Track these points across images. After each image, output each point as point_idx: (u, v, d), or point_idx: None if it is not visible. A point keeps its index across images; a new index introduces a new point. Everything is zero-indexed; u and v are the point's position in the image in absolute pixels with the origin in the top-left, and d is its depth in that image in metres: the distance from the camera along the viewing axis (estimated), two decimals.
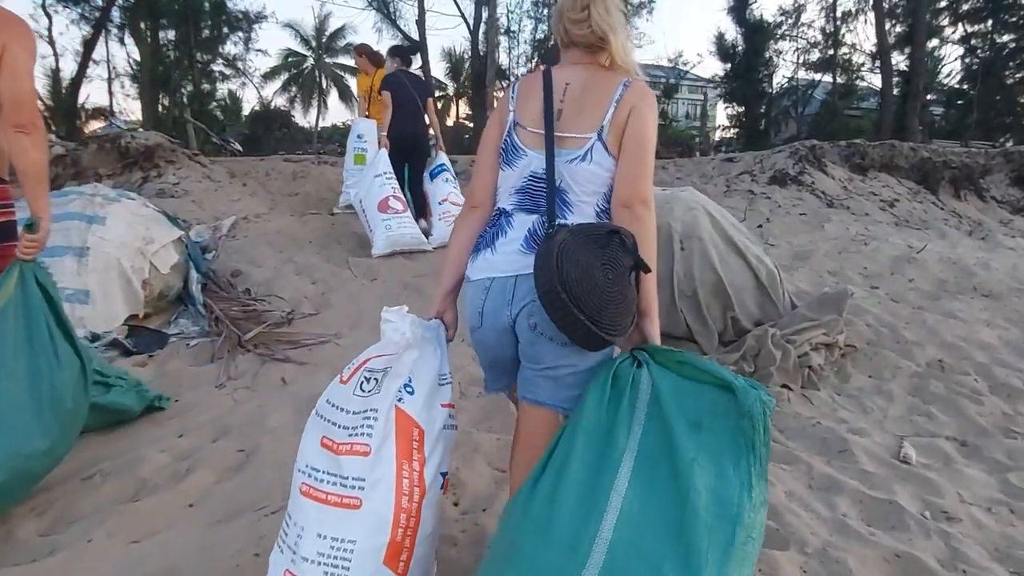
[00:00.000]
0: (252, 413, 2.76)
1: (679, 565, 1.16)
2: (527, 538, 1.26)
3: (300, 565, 1.37)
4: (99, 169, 6.16)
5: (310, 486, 1.41)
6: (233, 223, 5.44)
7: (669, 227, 3.97)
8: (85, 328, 3.32)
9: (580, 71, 1.56)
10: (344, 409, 1.44)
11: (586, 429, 1.35)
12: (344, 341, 3.56)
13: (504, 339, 1.54)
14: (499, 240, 1.55)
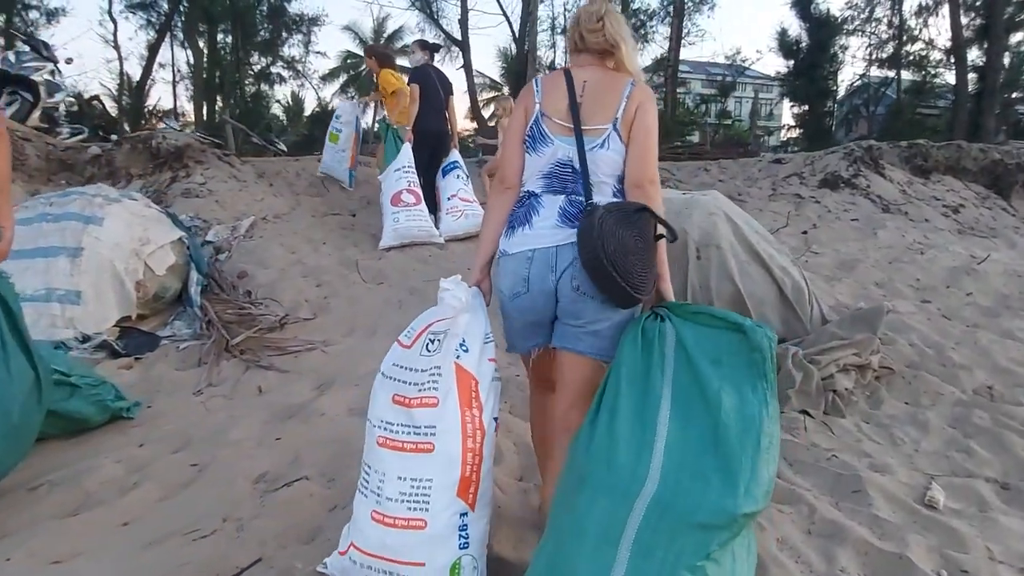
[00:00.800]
0: (220, 423, 2.65)
1: (721, 471, 1.42)
2: (595, 467, 1.50)
3: (386, 505, 1.60)
4: (131, 169, 6.27)
5: (386, 437, 1.65)
6: (252, 223, 5.42)
7: (685, 234, 3.69)
8: (76, 329, 3.30)
9: (593, 71, 1.82)
10: (412, 368, 1.66)
11: (628, 375, 1.59)
12: (333, 348, 3.43)
13: (548, 301, 1.75)
14: (534, 218, 1.77)
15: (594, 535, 1.42)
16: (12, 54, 7.44)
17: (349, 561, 1.67)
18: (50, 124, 7.80)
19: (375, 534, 1.62)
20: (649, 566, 1.37)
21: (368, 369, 3.19)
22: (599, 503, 1.46)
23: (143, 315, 3.68)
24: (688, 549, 1.38)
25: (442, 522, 1.60)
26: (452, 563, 1.60)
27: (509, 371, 3.05)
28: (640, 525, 1.41)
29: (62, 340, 3.24)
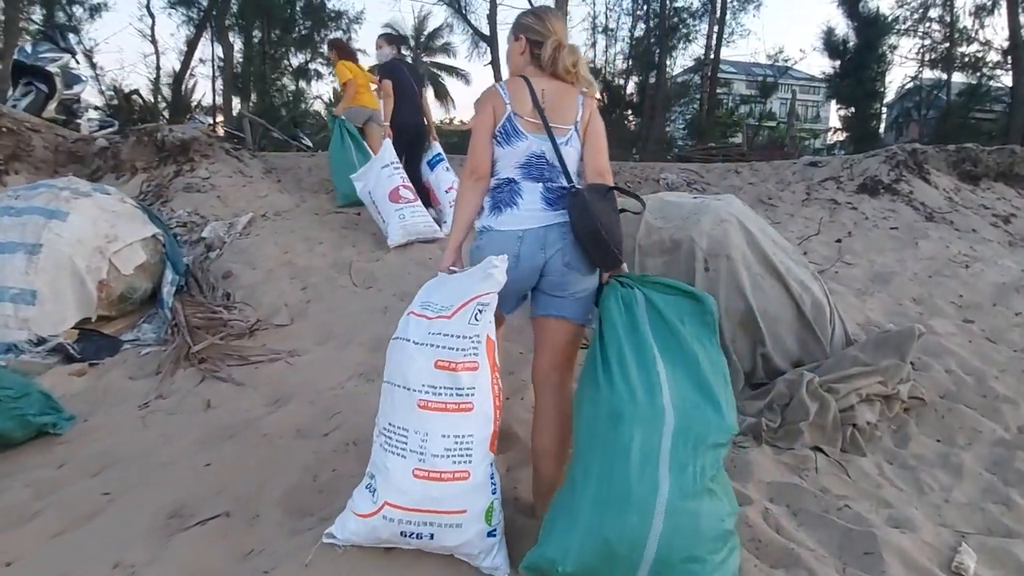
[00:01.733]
0: (152, 443, 2.41)
1: (709, 403, 1.76)
2: (624, 406, 1.73)
3: (430, 461, 1.74)
4: (136, 162, 6.14)
5: (428, 400, 1.76)
6: (249, 220, 5.22)
7: (692, 242, 3.33)
8: (30, 330, 3.10)
9: (547, 82, 2.08)
10: (458, 336, 1.78)
11: (623, 329, 1.87)
12: (299, 360, 3.17)
13: (534, 275, 2.00)
14: (519, 201, 2.01)
15: (638, 459, 1.69)
16: (29, 45, 7.42)
17: (381, 520, 1.76)
18: (68, 116, 7.77)
19: (419, 489, 1.74)
20: (685, 479, 1.68)
21: (331, 384, 2.93)
22: (636, 433, 1.71)
23: (109, 317, 3.48)
24: (708, 464, 1.73)
25: (481, 472, 1.80)
26: (487, 507, 1.80)
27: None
28: (671, 448, 1.70)
29: (14, 342, 3.05)
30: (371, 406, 2.75)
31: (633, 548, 1.63)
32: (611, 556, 1.65)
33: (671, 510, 1.64)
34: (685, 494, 1.67)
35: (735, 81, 29.71)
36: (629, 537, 1.63)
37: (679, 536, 1.64)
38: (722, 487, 1.79)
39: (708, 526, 1.68)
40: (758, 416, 2.88)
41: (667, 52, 22.80)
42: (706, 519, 1.68)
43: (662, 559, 1.63)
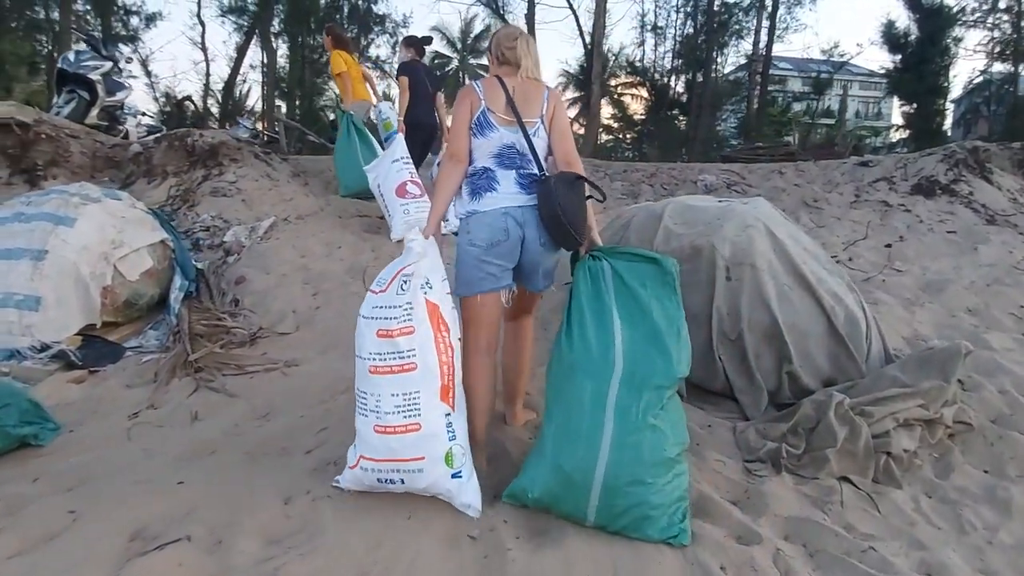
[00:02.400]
0: (132, 457, 2.33)
1: (661, 353, 2.08)
2: (580, 360, 2.10)
3: (385, 418, 1.99)
4: (167, 167, 6.19)
5: (376, 366, 2.01)
6: (271, 224, 5.19)
7: (713, 250, 3.10)
8: (33, 336, 3.09)
9: (515, 80, 2.31)
10: (391, 307, 2.02)
11: (586, 299, 2.19)
12: (297, 370, 3.07)
13: (517, 248, 2.26)
14: (496, 186, 2.26)
15: (589, 404, 2.04)
16: (72, 53, 7.59)
17: (361, 471, 2.06)
18: (111, 122, 7.94)
19: (380, 443, 2.01)
20: (628, 419, 2.01)
21: (324, 396, 2.82)
22: (588, 383, 2.06)
23: (115, 323, 3.45)
24: (651, 403, 2.03)
25: (432, 422, 2.00)
26: (445, 453, 2.02)
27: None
28: (618, 394, 2.03)
29: (17, 348, 3.03)
30: None
31: (584, 475, 2.00)
32: (567, 482, 2.02)
33: (615, 444, 2.00)
34: (628, 431, 2.01)
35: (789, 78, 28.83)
36: (580, 467, 2.01)
37: (622, 465, 1.99)
38: (667, 422, 2.07)
39: (649, 455, 2.00)
40: (780, 440, 2.64)
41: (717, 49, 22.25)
42: (647, 450, 2.00)
43: (609, 484, 1.98)
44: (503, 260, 2.25)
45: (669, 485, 2.02)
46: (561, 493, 2.04)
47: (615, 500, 1.99)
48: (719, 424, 2.81)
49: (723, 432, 2.73)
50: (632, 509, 1.99)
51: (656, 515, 1.98)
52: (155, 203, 5.72)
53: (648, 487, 1.98)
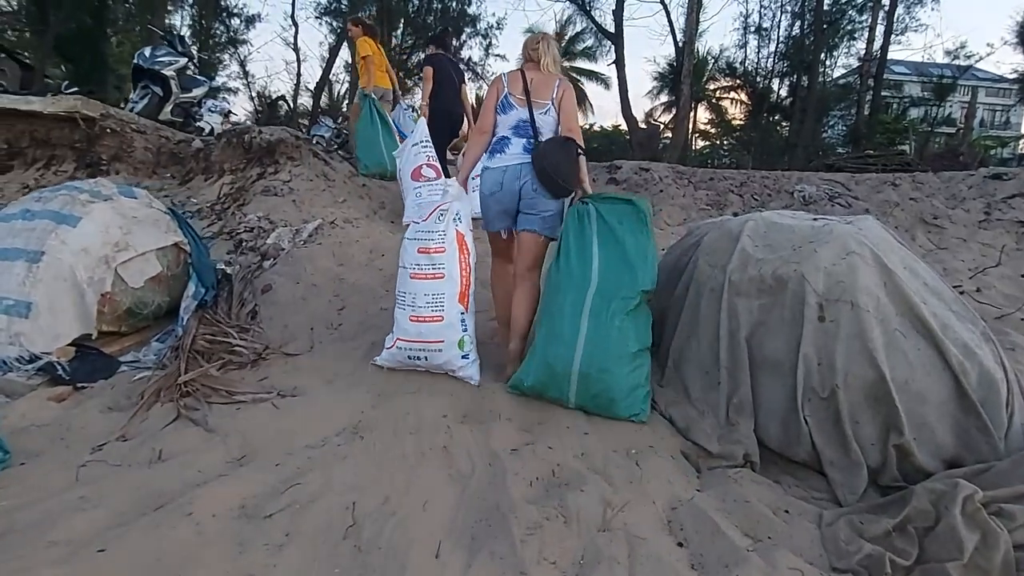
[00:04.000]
0: (66, 507, 1.95)
1: (629, 272, 2.68)
2: (564, 280, 2.76)
3: (418, 310, 2.85)
4: (225, 164, 6.03)
5: (415, 273, 2.89)
6: (317, 227, 4.86)
7: (802, 281, 2.46)
8: (21, 345, 2.82)
9: (536, 73, 3.09)
10: (430, 231, 2.92)
11: (573, 237, 2.85)
12: (291, 402, 2.64)
13: (514, 198, 3.01)
14: (507, 150, 3.04)
15: (568, 312, 2.68)
16: (147, 49, 7.63)
17: (396, 350, 2.90)
18: (186, 118, 7.95)
19: (413, 329, 2.85)
20: (599, 322, 2.63)
21: (312, 439, 2.39)
22: (569, 296, 2.72)
23: (118, 332, 3.16)
24: (618, 310, 2.64)
25: (451, 316, 2.85)
26: (459, 339, 2.85)
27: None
28: (591, 303, 2.67)
29: (3, 358, 2.77)
30: (343, 477, 2.16)
31: (565, 366, 2.61)
32: (551, 372, 2.64)
33: (588, 341, 2.60)
34: (598, 331, 2.61)
35: (905, 82, 26.66)
36: (561, 360, 2.62)
37: (594, 357, 2.58)
38: (631, 325, 2.64)
39: (615, 350, 2.59)
40: (883, 542, 1.98)
41: (825, 51, 20.76)
42: (614, 345, 2.59)
43: (584, 372, 2.59)
44: (500, 206, 3.06)
45: (632, 374, 2.63)
46: (548, 382, 2.67)
47: (589, 386, 2.61)
48: (800, 509, 2.17)
49: (804, 523, 2.09)
50: (602, 393, 2.61)
51: (620, 397, 2.60)
52: (208, 201, 5.55)
53: (614, 375, 2.59)
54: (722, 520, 2.03)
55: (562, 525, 1.95)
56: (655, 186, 7.35)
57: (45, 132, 6.13)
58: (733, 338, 2.63)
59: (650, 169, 7.69)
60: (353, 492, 2.07)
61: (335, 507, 1.98)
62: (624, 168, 7.79)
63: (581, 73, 35.19)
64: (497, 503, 2.05)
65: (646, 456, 2.41)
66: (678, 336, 2.88)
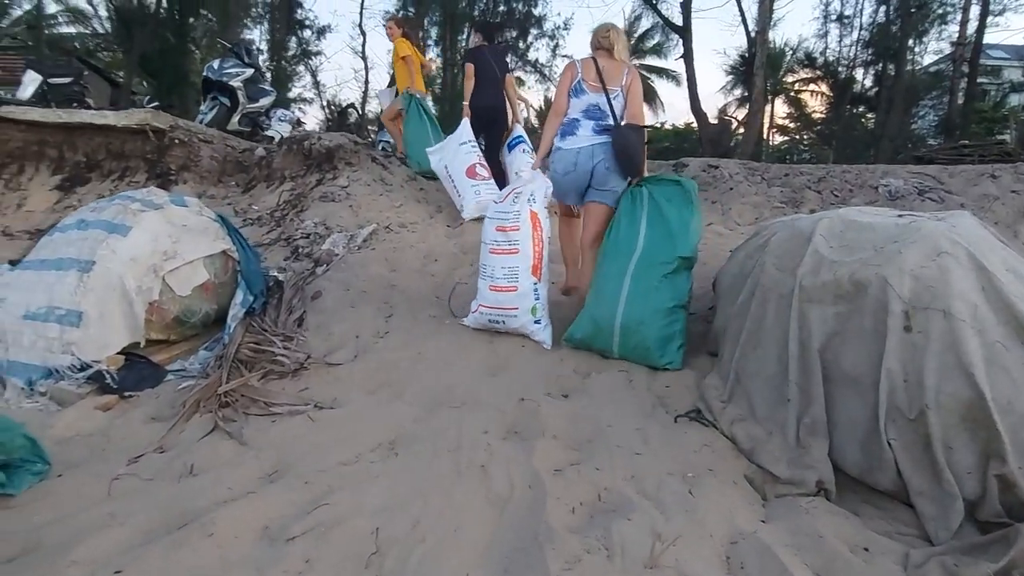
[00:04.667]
0: (93, 524, 1.90)
1: (668, 241, 3.08)
2: (611, 249, 3.22)
3: (497, 281, 3.26)
4: (286, 171, 6.11)
5: (494, 248, 3.29)
6: (371, 232, 4.81)
7: (885, 286, 2.18)
8: (73, 354, 2.85)
9: (607, 60, 3.40)
10: (507, 212, 3.30)
11: (625, 212, 3.28)
12: (328, 415, 2.55)
13: (585, 177, 3.41)
14: (578, 131, 3.40)
15: (614, 275, 3.13)
16: (216, 61, 7.85)
17: (479, 314, 3.36)
18: (253, 127, 8.14)
19: (492, 297, 3.29)
20: (639, 284, 3.06)
21: (345, 455, 2.28)
22: (615, 263, 3.16)
23: (167, 341, 3.17)
24: (656, 273, 3.06)
25: (525, 286, 3.24)
26: (531, 307, 3.25)
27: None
28: (634, 268, 3.10)
29: (56, 366, 2.81)
30: (373, 497, 2.04)
31: (608, 321, 3.08)
32: (598, 326, 3.12)
33: (628, 300, 3.06)
34: (638, 290, 3.07)
35: (1004, 67, 24.83)
36: (605, 316, 3.09)
37: (633, 313, 3.04)
38: (668, 285, 3.08)
39: (652, 306, 3.03)
40: None
41: (914, 37, 19.56)
42: (652, 302, 3.04)
43: (624, 325, 3.05)
44: (574, 184, 3.48)
45: (667, 327, 3.02)
46: (595, 334, 3.13)
47: (629, 337, 3.03)
48: (882, 547, 1.89)
49: (887, 563, 1.82)
50: (640, 343, 3.02)
51: (655, 347, 3.00)
52: (268, 208, 5.61)
53: (650, 327, 3.00)
54: (790, 558, 1.79)
55: (604, 559, 1.76)
56: (724, 184, 6.99)
57: (120, 145, 6.37)
58: (805, 350, 2.36)
59: (719, 166, 7.33)
60: (382, 514, 1.94)
61: (361, 531, 1.85)
62: (691, 166, 7.45)
63: (651, 71, 34.54)
64: (535, 531, 1.87)
65: (704, 480, 2.18)
66: (742, 347, 2.63)
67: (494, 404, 2.64)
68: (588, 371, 3.03)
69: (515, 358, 3.13)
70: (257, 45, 19.46)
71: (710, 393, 2.68)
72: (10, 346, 2.86)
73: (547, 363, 3.08)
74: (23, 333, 2.86)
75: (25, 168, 6.35)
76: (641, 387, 2.85)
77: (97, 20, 19.85)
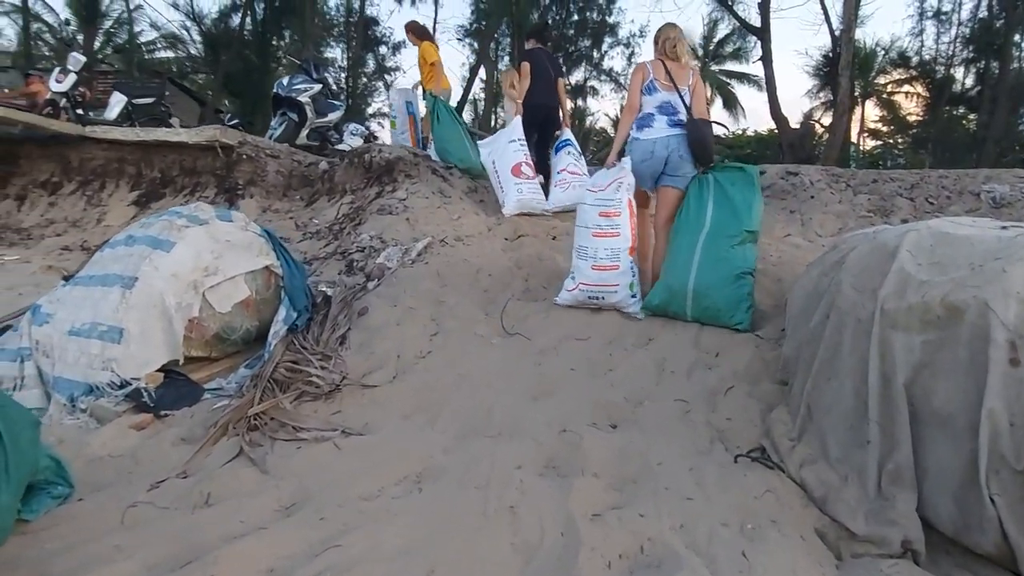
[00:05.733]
0: (95, 558, 1.81)
1: (733, 218, 3.58)
2: (683, 226, 3.71)
3: (600, 261, 3.66)
4: (347, 184, 6.11)
5: (596, 232, 3.71)
6: (426, 246, 4.70)
7: (984, 310, 1.86)
8: (113, 371, 2.83)
9: (673, 63, 3.87)
10: (609, 199, 3.74)
11: (693, 196, 3.77)
12: (356, 442, 2.41)
13: (660, 164, 3.85)
14: (654, 124, 3.86)
15: (685, 248, 3.61)
16: (286, 78, 8.02)
17: (578, 292, 3.75)
18: (322, 142, 8.26)
19: (595, 275, 3.69)
20: (707, 254, 3.52)
21: (368, 488, 2.13)
22: (686, 238, 3.64)
23: (208, 358, 3.13)
24: (723, 245, 3.52)
25: (625, 265, 3.68)
26: (629, 283, 3.69)
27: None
28: (703, 242, 3.57)
29: (96, 383, 2.79)
30: (390, 538, 1.87)
31: (682, 287, 3.56)
32: (672, 292, 3.60)
33: (699, 268, 3.54)
34: (707, 260, 3.54)
35: None
36: (679, 283, 3.58)
37: (702, 279, 3.52)
38: (735, 255, 3.53)
39: (720, 273, 3.50)
40: None
41: (1020, 31, 18.15)
42: (720, 270, 3.50)
43: (696, 290, 3.52)
44: (650, 170, 3.90)
45: (735, 291, 3.46)
46: (670, 299, 3.60)
47: (700, 300, 3.51)
48: None
49: None
50: (710, 305, 3.49)
51: (724, 308, 3.46)
52: (328, 221, 5.61)
53: (719, 291, 3.47)
54: None
55: None
56: (804, 191, 6.54)
57: (192, 161, 6.56)
58: (887, 384, 2.04)
59: (799, 173, 6.87)
60: (397, 560, 1.77)
61: None
62: (768, 173, 7.02)
63: (731, 76, 33.53)
64: None
65: (766, 533, 1.89)
66: (815, 377, 2.32)
67: (532, 434, 2.43)
68: (641, 399, 2.76)
69: (562, 382, 2.90)
70: (339, 63, 20.07)
71: (777, 429, 2.38)
72: (56, 362, 2.87)
73: (596, 388, 2.84)
74: (68, 349, 2.86)
75: (106, 184, 6.64)
76: (699, 419, 2.57)
77: (193, 45, 21.09)
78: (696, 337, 3.37)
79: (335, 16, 21.46)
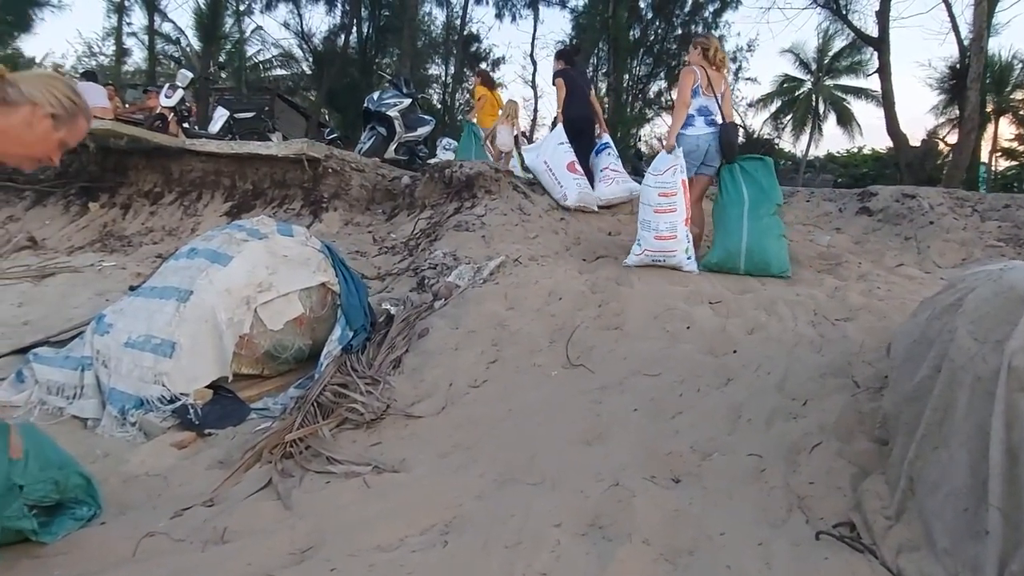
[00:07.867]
0: None
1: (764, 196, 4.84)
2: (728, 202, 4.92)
3: (660, 231, 4.69)
4: (427, 199, 6.04)
5: (657, 209, 4.70)
6: (499, 265, 4.52)
7: (1005, 356, 1.45)
8: (163, 385, 2.80)
9: (714, 72, 4.91)
10: (668, 181, 4.71)
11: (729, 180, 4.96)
12: (387, 480, 2.22)
13: (701, 155, 4.95)
14: (695, 123, 4.92)
15: (735, 218, 4.78)
16: (376, 93, 8.12)
17: (645, 255, 4.71)
18: (410, 156, 8.31)
19: (657, 244, 4.67)
20: (753, 223, 4.72)
21: (388, 538, 1.94)
22: (734, 210, 4.82)
23: (263, 376, 3.06)
24: (763, 213, 4.76)
25: (680, 234, 4.66)
26: (685, 248, 4.67)
27: None
28: (747, 211, 4.76)
29: (147, 396, 2.77)
30: None
31: (736, 247, 4.69)
32: (728, 252, 4.74)
33: (748, 232, 4.68)
34: (754, 226, 4.68)
35: None
36: (733, 244, 4.72)
37: (752, 241, 4.66)
38: (774, 221, 4.76)
39: (766, 234, 4.68)
40: None
41: None
42: (764, 233, 4.68)
43: (747, 250, 4.66)
44: (691, 160, 4.85)
45: (781, 251, 4.72)
46: (726, 258, 4.74)
47: (751, 256, 4.65)
48: None
49: None
50: (760, 260, 4.65)
51: (773, 261, 4.65)
52: (404, 236, 5.55)
53: (767, 248, 4.66)
54: None
55: None
56: (923, 216, 5.89)
57: (282, 174, 6.72)
58: (1015, 461, 1.64)
59: (916, 196, 6.22)
60: None
61: None
62: (881, 195, 6.41)
63: (847, 91, 31.75)
64: None
65: None
66: (919, 443, 1.93)
67: (579, 485, 2.16)
68: (709, 450, 2.41)
69: (621, 424, 2.60)
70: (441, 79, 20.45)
71: (871, 503, 1.99)
72: (112, 372, 2.88)
73: (659, 434, 2.52)
74: (123, 360, 2.87)
75: (202, 195, 6.91)
76: (775, 480, 2.20)
77: (304, 62, 22.23)
78: (782, 380, 2.93)
79: (438, 34, 22.05)
